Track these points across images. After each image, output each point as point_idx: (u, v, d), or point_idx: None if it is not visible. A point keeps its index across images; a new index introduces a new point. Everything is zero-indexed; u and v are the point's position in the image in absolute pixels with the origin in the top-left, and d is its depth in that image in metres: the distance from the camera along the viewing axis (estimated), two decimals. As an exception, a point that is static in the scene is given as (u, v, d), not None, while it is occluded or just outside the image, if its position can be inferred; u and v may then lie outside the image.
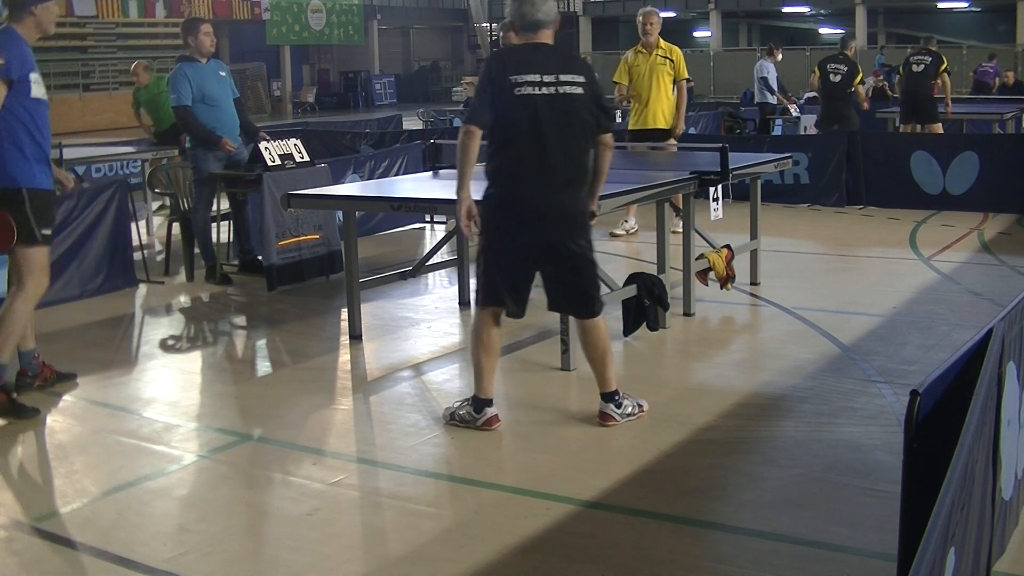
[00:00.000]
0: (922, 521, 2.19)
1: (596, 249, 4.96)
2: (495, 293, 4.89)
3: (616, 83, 9.62)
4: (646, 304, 6.16)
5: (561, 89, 4.72)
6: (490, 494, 4.22)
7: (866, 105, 14.00)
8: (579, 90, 4.76)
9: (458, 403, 5.06)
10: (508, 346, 6.34)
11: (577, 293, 4.93)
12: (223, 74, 8.26)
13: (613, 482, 4.25)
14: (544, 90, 4.70)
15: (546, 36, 4.85)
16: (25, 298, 5.29)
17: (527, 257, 4.86)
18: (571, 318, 5.32)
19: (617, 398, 5.00)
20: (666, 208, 6.64)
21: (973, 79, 21.61)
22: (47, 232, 5.34)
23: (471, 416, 4.94)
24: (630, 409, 5.01)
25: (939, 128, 12.98)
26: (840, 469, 4.35)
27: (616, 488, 4.20)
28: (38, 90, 5.26)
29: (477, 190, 4.83)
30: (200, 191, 8.20)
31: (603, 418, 4.98)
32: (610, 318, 6.61)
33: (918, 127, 12.99)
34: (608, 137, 4.89)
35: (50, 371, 5.71)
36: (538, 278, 5.00)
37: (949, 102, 13.58)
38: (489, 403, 4.95)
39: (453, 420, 5.00)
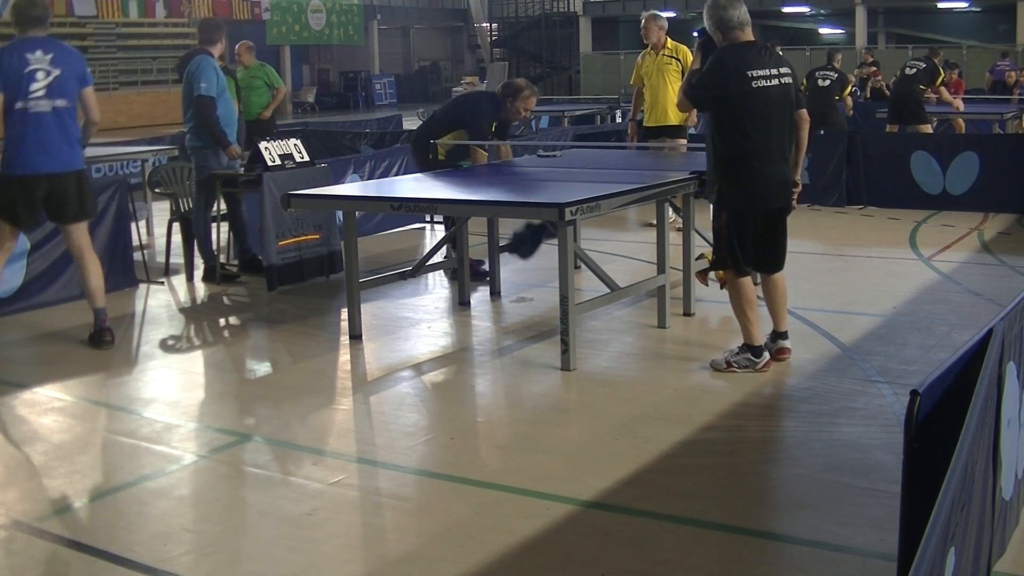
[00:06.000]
0: (922, 521, 2.18)
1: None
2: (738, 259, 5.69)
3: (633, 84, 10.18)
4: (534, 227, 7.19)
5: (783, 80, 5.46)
6: (490, 494, 4.22)
7: (850, 112, 14.25)
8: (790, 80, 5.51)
9: (727, 352, 5.65)
10: (508, 346, 6.35)
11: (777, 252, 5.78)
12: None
13: (613, 482, 4.25)
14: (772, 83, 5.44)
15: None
16: None
17: (757, 223, 5.66)
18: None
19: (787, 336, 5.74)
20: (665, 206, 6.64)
21: (991, 79, 21.62)
22: None
23: (750, 361, 5.56)
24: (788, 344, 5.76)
25: (928, 129, 12.98)
26: (840, 469, 4.35)
27: (616, 488, 4.20)
28: None
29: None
30: (201, 190, 8.21)
31: (780, 352, 5.68)
32: (613, 317, 6.60)
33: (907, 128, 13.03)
34: (803, 112, 5.62)
35: None
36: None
37: (948, 101, 13.59)
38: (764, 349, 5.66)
39: (730, 367, 5.57)
